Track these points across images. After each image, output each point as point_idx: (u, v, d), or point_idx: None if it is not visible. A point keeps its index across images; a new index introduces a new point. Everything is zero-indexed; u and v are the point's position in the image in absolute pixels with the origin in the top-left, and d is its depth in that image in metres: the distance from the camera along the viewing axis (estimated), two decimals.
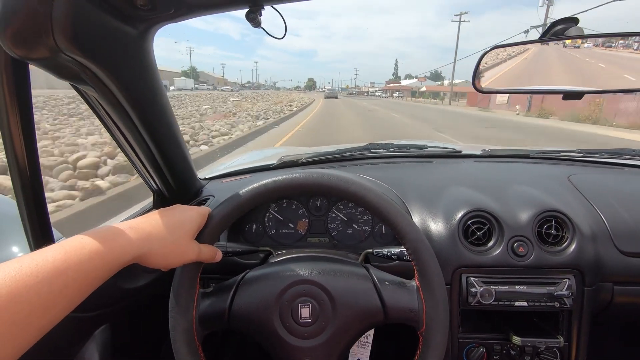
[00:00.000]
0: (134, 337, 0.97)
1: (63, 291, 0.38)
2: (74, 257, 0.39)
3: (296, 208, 1.01)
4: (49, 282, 0.36)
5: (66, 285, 0.38)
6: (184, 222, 0.55)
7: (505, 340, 0.86)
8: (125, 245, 0.46)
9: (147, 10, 0.49)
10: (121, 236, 0.46)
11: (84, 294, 0.41)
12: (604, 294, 0.85)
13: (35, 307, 0.35)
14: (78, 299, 0.40)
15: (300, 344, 0.58)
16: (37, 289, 0.35)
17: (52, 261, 0.38)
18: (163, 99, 0.67)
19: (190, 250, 0.55)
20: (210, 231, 0.59)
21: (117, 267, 0.45)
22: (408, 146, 1.34)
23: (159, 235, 0.50)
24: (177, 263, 0.54)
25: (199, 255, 0.56)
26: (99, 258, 0.42)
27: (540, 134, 11.65)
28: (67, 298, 0.38)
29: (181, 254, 0.53)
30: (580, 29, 0.62)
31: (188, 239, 0.54)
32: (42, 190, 0.62)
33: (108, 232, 0.45)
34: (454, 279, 0.82)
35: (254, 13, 0.52)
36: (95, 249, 0.42)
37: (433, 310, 0.57)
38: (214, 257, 0.59)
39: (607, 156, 1.23)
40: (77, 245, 0.41)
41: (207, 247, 0.58)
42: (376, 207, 0.60)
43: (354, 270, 0.63)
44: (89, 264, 0.40)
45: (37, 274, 0.36)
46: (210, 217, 0.60)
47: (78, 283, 0.39)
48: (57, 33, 0.42)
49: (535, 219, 0.83)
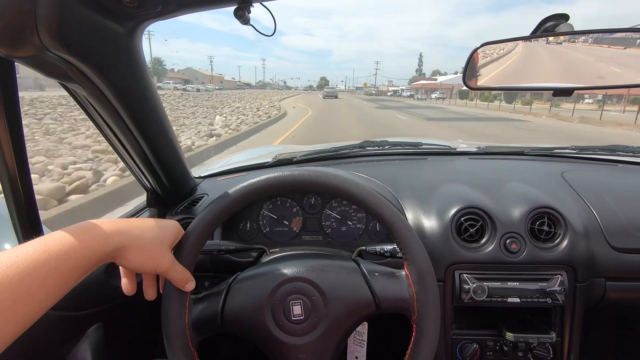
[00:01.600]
0: (127, 335, 0.97)
1: (46, 281, 0.39)
2: (54, 247, 0.41)
3: (290, 206, 1.01)
4: (30, 272, 0.37)
5: (48, 276, 0.39)
6: (164, 228, 0.55)
7: (498, 337, 0.86)
8: (107, 237, 0.46)
9: (134, 7, 0.48)
10: (101, 227, 0.47)
11: (67, 285, 0.42)
12: (596, 289, 0.86)
13: (18, 296, 0.36)
14: (61, 290, 0.41)
15: (294, 342, 0.58)
16: (19, 279, 0.36)
17: (32, 252, 0.39)
18: (154, 97, 0.66)
19: (165, 259, 0.54)
20: (186, 249, 0.58)
21: (100, 258, 0.46)
22: (403, 143, 1.34)
23: (137, 232, 0.51)
24: (149, 267, 0.52)
25: (170, 269, 0.54)
26: (80, 248, 0.43)
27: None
28: (50, 288, 0.39)
29: (154, 258, 0.52)
30: (570, 25, 0.62)
31: (165, 247, 0.54)
32: (31, 187, 0.62)
33: (88, 225, 0.46)
34: (447, 275, 0.83)
35: (242, 10, 0.52)
36: (76, 239, 0.43)
37: (424, 297, 0.58)
38: (184, 284, 0.56)
39: (601, 153, 1.24)
40: (56, 238, 0.42)
41: (181, 268, 0.56)
42: (361, 199, 0.60)
43: (343, 265, 0.63)
44: (69, 254, 0.41)
45: (17, 265, 0.37)
46: (184, 237, 0.59)
47: (60, 273, 0.40)
48: (41, 31, 0.41)
49: (527, 215, 0.84)
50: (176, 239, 0.58)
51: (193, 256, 0.59)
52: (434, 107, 31.53)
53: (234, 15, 0.52)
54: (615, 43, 0.67)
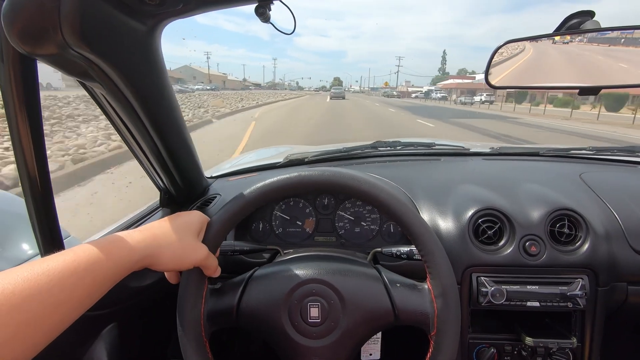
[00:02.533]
0: (142, 335, 0.97)
1: (74, 291, 0.39)
2: (83, 258, 0.41)
3: (303, 207, 1.00)
4: (59, 282, 0.37)
5: (77, 285, 0.39)
6: (190, 223, 0.56)
7: (517, 341, 0.85)
8: (133, 247, 0.47)
9: (156, 5, 0.48)
10: (128, 238, 0.48)
11: (95, 295, 0.42)
12: (618, 294, 0.84)
13: (47, 307, 0.36)
14: (89, 300, 0.42)
15: (308, 344, 0.57)
16: (48, 288, 0.36)
17: (62, 262, 0.39)
18: (171, 96, 0.66)
19: (199, 249, 0.55)
20: (212, 237, 0.59)
21: (127, 268, 0.46)
22: (415, 144, 1.33)
23: (165, 236, 0.52)
24: (187, 263, 0.54)
25: (207, 257, 0.56)
26: (108, 259, 0.43)
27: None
28: (78, 298, 0.40)
29: (190, 254, 0.54)
30: (596, 22, 0.60)
31: (195, 240, 0.55)
32: (50, 187, 0.62)
33: (114, 237, 0.47)
34: (464, 278, 0.81)
35: (263, 8, 0.51)
36: (103, 250, 0.43)
37: (445, 314, 0.56)
38: (215, 271, 0.59)
39: (619, 154, 1.21)
40: (85, 248, 0.43)
41: (213, 256, 0.58)
42: (388, 206, 0.59)
43: (364, 271, 0.62)
44: (98, 265, 0.42)
45: (48, 274, 0.37)
46: (210, 224, 0.59)
47: (88, 283, 0.41)
48: (65, 29, 0.41)
49: (547, 217, 0.82)
50: (202, 229, 0.58)
51: (216, 245, 0.59)
52: (503, 116, 19.64)
53: (255, 13, 0.52)
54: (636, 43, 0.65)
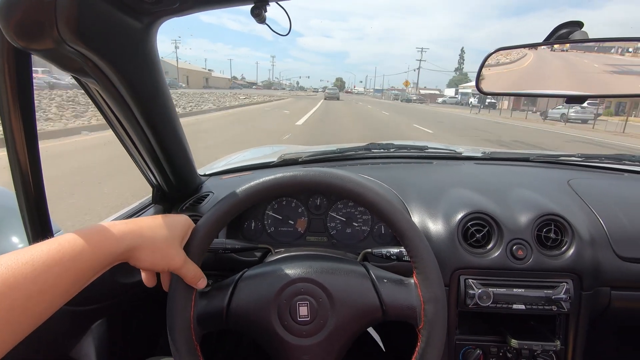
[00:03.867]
0: (131, 331, 0.97)
1: (58, 280, 0.39)
2: (67, 247, 0.41)
3: (295, 206, 1.01)
4: (44, 271, 0.38)
5: (61, 275, 0.40)
6: (175, 225, 0.55)
7: (502, 343, 0.86)
8: (118, 237, 0.47)
9: (153, 3, 0.48)
10: (114, 229, 0.48)
11: (79, 284, 0.43)
12: (602, 298, 0.86)
13: (31, 294, 0.37)
14: (73, 288, 0.42)
15: (298, 343, 0.57)
16: (33, 277, 0.37)
17: (46, 251, 0.40)
18: (165, 94, 0.67)
19: (177, 257, 0.54)
20: (195, 244, 0.58)
21: (112, 258, 0.46)
22: (408, 147, 1.34)
23: (150, 231, 0.52)
24: (162, 265, 0.52)
25: (183, 266, 0.54)
26: (92, 248, 0.43)
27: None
28: (62, 287, 0.40)
29: (166, 257, 0.52)
30: (584, 33, 0.62)
31: (176, 244, 0.54)
32: (42, 181, 0.62)
33: (99, 227, 0.47)
34: (452, 280, 0.82)
35: (259, 9, 0.52)
36: (88, 240, 0.44)
37: (431, 307, 0.57)
38: (196, 282, 0.56)
39: (607, 161, 1.24)
40: (70, 238, 0.43)
41: (193, 265, 0.56)
42: (378, 207, 0.60)
43: (352, 269, 0.63)
44: (82, 255, 0.42)
45: (32, 262, 0.38)
46: (194, 232, 0.59)
47: (73, 272, 0.41)
48: (61, 24, 0.41)
49: (534, 222, 0.83)
50: (187, 234, 0.58)
51: (201, 251, 0.59)
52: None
53: (250, 14, 0.52)
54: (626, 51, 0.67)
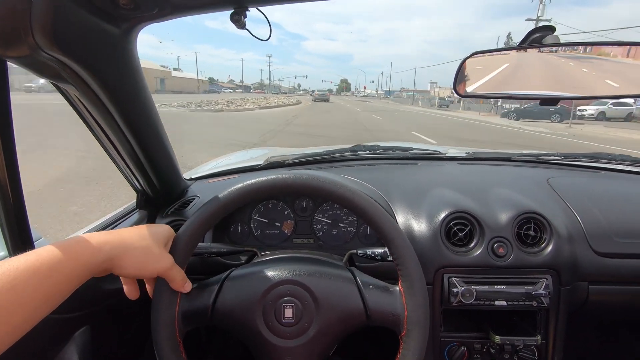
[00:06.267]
0: (115, 338, 0.95)
1: (37, 290, 0.39)
2: (46, 258, 0.41)
3: (282, 209, 1.01)
4: (22, 281, 0.38)
5: (40, 285, 0.40)
6: (157, 232, 0.56)
7: (486, 339, 0.88)
8: (97, 248, 0.47)
9: (130, 9, 0.48)
10: (93, 239, 0.48)
11: (60, 295, 0.42)
12: (580, 293, 0.88)
13: (10, 306, 0.37)
14: (54, 300, 0.42)
15: (282, 344, 0.58)
16: (10, 286, 0.37)
17: (24, 262, 0.39)
18: (146, 98, 0.66)
19: (163, 260, 0.54)
20: (177, 252, 0.58)
21: (91, 269, 0.46)
22: (394, 148, 1.36)
23: (132, 240, 0.52)
24: (150, 270, 0.53)
25: (171, 268, 0.55)
26: (71, 259, 0.43)
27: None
28: (42, 298, 0.40)
29: (153, 262, 0.53)
30: (556, 37, 0.65)
31: (160, 249, 0.55)
32: (20, 188, 0.61)
33: (78, 238, 0.47)
34: (436, 279, 0.84)
35: (239, 15, 0.52)
36: (66, 251, 0.44)
37: (414, 315, 0.58)
38: (182, 285, 0.57)
39: (585, 160, 1.27)
40: (48, 249, 0.43)
41: (178, 269, 0.57)
42: (362, 210, 0.61)
43: (339, 273, 0.64)
44: (61, 265, 0.42)
45: (9, 273, 0.38)
46: (176, 238, 0.59)
47: (51, 282, 0.41)
48: (36, 31, 0.41)
49: (514, 220, 0.86)
50: (169, 242, 0.58)
51: (184, 259, 0.59)
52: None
53: (230, 20, 0.53)
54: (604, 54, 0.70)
